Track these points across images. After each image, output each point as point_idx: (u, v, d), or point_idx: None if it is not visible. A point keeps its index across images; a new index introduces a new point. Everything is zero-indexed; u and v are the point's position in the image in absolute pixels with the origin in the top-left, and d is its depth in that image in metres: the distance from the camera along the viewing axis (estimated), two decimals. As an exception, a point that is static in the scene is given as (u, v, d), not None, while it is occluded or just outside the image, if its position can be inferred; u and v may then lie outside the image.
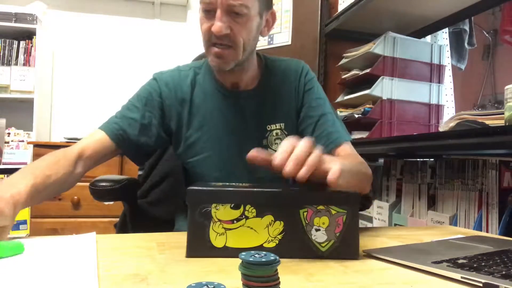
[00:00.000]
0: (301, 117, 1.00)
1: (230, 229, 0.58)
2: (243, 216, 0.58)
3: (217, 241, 0.58)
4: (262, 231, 0.58)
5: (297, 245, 0.58)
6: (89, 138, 0.91)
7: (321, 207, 0.59)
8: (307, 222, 0.58)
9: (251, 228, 0.58)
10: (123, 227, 1.13)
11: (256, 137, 0.96)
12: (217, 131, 0.96)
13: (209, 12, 0.86)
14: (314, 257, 0.58)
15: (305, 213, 0.58)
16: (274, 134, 0.97)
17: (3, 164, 2.63)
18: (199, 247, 0.58)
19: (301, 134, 0.97)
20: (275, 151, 0.87)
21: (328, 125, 0.97)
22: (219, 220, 0.58)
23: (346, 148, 0.96)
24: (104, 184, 0.97)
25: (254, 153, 0.63)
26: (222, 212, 0.58)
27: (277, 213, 0.58)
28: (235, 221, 0.58)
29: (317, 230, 0.58)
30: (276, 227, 0.58)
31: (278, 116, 0.98)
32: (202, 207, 0.58)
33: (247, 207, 0.58)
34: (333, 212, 0.59)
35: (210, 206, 0.58)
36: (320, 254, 0.59)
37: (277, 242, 0.58)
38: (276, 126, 0.98)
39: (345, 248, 0.59)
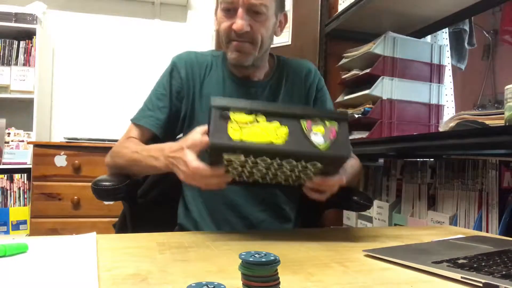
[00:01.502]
0: None
1: (244, 127, 0.67)
2: (255, 120, 0.68)
3: (234, 134, 0.66)
4: (271, 131, 0.67)
5: (300, 143, 0.67)
6: (134, 132, 1.00)
7: (317, 119, 0.69)
8: (307, 128, 0.69)
9: (262, 129, 0.68)
10: (122, 227, 1.13)
11: None
12: None
13: (229, 11, 0.92)
14: (315, 154, 0.67)
15: (305, 123, 0.69)
16: None
17: (3, 164, 2.63)
18: (220, 137, 0.66)
19: None
20: None
21: None
22: (235, 121, 0.67)
23: None
24: (106, 183, 0.97)
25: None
26: (238, 116, 0.67)
27: (282, 121, 0.68)
28: (248, 124, 0.67)
29: (315, 134, 0.68)
30: (283, 130, 0.68)
31: None
32: (222, 110, 0.67)
33: (258, 115, 0.68)
34: (327, 124, 0.70)
35: (229, 111, 0.67)
36: (319, 150, 0.68)
37: (283, 140, 0.67)
38: None
39: (339, 148, 0.68)
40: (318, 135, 0.68)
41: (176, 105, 1.02)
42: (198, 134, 0.74)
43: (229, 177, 0.74)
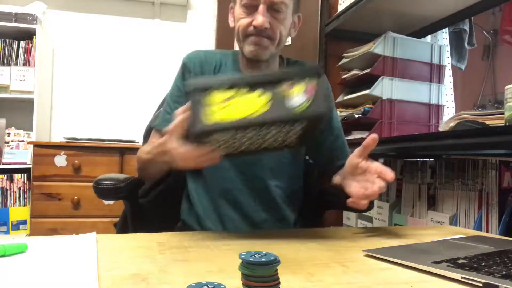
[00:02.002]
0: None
1: (223, 106, 0.67)
2: (236, 95, 0.68)
3: (210, 118, 0.65)
4: (252, 102, 0.67)
5: (280, 108, 0.67)
6: (157, 138, 0.98)
7: (295, 79, 0.70)
8: (286, 91, 0.69)
9: (241, 102, 0.67)
10: (123, 227, 1.13)
11: None
12: None
13: (249, 8, 0.94)
14: (294, 116, 0.68)
15: (284, 86, 0.69)
16: None
17: (3, 164, 2.63)
18: (195, 124, 0.65)
19: (322, 141, 1.06)
20: None
21: (342, 141, 1.10)
22: (212, 103, 0.66)
23: None
24: (108, 183, 0.97)
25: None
26: (216, 95, 0.67)
27: (263, 88, 0.69)
28: (227, 100, 0.67)
29: (296, 96, 0.69)
30: (264, 98, 0.68)
31: None
32: (196, 96, 0.67)
33: (240, 87, 0.68)
34: (307, 82, 0.70)
35: (204, 94, 0.67)
36: (299, 111, 0.68)
37: (268, 107, 0.67)
38: None
39: (317, 105, 0.68)
40: (298, 96, 0.69)
41: None
42: (177, 117, 0.74)
43: (219, 151, 0.74)
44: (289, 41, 2.03)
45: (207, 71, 1.03)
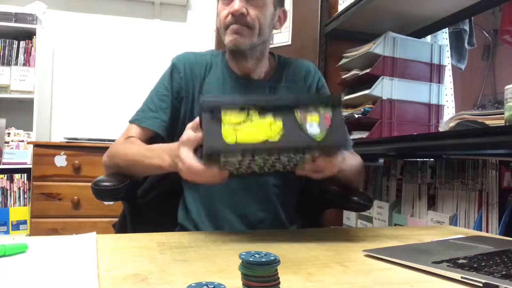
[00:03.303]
0: None
1: (238, 129, 0.66)
2: (248, 119, 0.67)
3: (229, 138, 0.65)
4: (266, 128, 0.67)
5: (296, 137, 0.67)
6: (135, 132, 1.00)
7: (310, 108, 0.69)
8: (301, 119, 0.68)
9: (256, 127, 0.67)
10: (122, 227, 1.13)
11: None
12: None
13: (228, 0, 0.95)
14: (312, 146, 0.68)
15: (298, 113, 0.68)
16: None
17: (3, 164, 2.63)
18: (215, 143, 0.65)
19: None
20: None
21: None
22: (228, 123, 0.66)
23: (348, 151, 1.05)
24: (107, 183, 0.97)
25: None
26: (230, 116, 0.66)
27: (276, 114, 0.68)
28: (241, 123, 0.66)
29: (310, 125, 0.68)
30: (277, 125, 0.67)
31: None
32: (214, 114, 0.66)
33: (251, 111, 0.67)
34: (321, 111, 0.69)
35: (220, 112, 0.66)
36: (316, 142, 0.67)
37: (279, 136, 0.66)
38: None
39: (335, 136, 0.68)
40: (313, 125, 0.68)
41: (176, 106, 1.02)
42: (190, 130, 0.74)
43: (226, 173, 0.74)
44: (289, 41, 2.03)
45: (197, 73, 1.03)
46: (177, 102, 1.02)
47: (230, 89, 1.02)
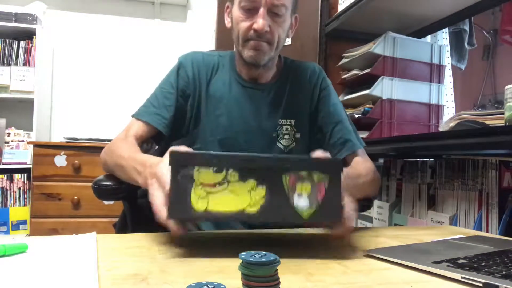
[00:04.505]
0: (318, 124, 1.06)
1: (212, 192, 0.56)
2: (225, 180, 0.56)
3: (199, 205, 0.56)
4: (245, 195, 0.56)
5: (279, 211, 0.57)
6: (136, 128, 0.98)
7: (303, 173, 0.57)
8: (289, 187, 0.57)
9: (234, 192, 0.57)
10: (122, 227, 1.13)
11: (267, 129, 1.02)
12: (229, 117, 1.01)
13: (249, 11, 0.92)
14: (296, 223, 0.58)
15: (287, 178, 0.57)
16: (284, 129, 1.02)
17: (3, 164, 2.63)
18: (181, 209, 0.56)
19: (318, 141, 1.04)
20: (283, 145, 1.02)
21: (344, 132, 1.04)
22: (201, 184, 0.56)
23: (359, 155, 1.03)
24: (107, 183, 0.97)
25: (321, 154, 0.66)
26: (204, 175, 0.56)
27: (260, 178, 0.57)
28: (217, 185, 0.56)
29: (299, 195, 0.57)
30: (259, 192, 0.57)
31: (290, 112, 1.04)
32: (184, 170, 0.56)
33: (230, 171, 0.56)
34: (315, 178, 0.58)
35: (193, 169, 0.56)
36: (302, 220, 0.57)
37: (259, 207, 0.56)
38: (287, 121, 1.03)
39: (327, 212, 0.58)
40: (303, 197, 0.57)
41: (181, 104, 1.01)
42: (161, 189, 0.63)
43: (188, 228, 0.65)
44: (289, 41, 2.03)
45: (204, 74, 1.02)
46: (183, 100, 1.01)
47: (235, 93, 1.02)
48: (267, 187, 0.57)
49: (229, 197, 0.56)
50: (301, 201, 0.57)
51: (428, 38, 1.98)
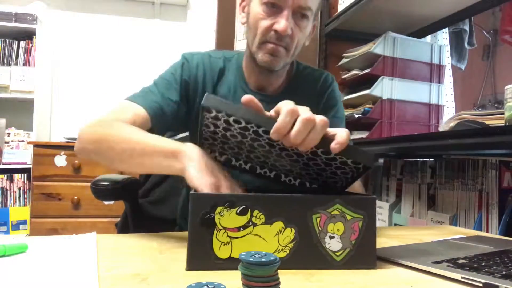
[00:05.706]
0: None
1: (236, 237, 0.52)
2: (250, 223, 0.52)
3: (222, 252, 0.52)
4: (272, 240, 0.52)
5: (310, 255, 0.53)
6: (130, 110, 0.87)
7: (335, 212, 0.54)
8: (320, 228, 0.53)
9: (259, 236, 0.52)
10: (124, 227, 1.13)
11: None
12: None
13: (273, 8, 0.84)
14: (329, 268, 0.54)
15: (318, 219, 0.53)
16: None
17: (3, 164, 2.63)
18: (202, 258, 0.52)
19: None
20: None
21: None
22: (224, 228, 0.52)
23: None
24: (105, 183, 0.97)
25: (250, 98, 0.60)
26: (227, 218, 0.51)
27: (288, 219, 0.53)
28: (241, 229, 0.52)
29: (331, 237, 0.53)
30: (287, 235, 0.53)
31: None
32: (204, 214, 0.51)
33: (255, 212, 0.52)
34: (349, 217, 0.54)
35: (214, 212, 0.51)
36: (335, 264, 0.54)
37: (288, 251, 0.53)
38: None
39: (361, 257, 0.55)
40: (335, 238, 0.53)
41: (181, 96, 0.93)
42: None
43: None
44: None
45: (209, 78, 0.95)
46: (184, 96, 0.93)
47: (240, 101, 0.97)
48: (296, 230, 0.53)
49: (255, 242, 0.52)
50: (333, 244, 0.54)
51: (428, 38, 1.98)
